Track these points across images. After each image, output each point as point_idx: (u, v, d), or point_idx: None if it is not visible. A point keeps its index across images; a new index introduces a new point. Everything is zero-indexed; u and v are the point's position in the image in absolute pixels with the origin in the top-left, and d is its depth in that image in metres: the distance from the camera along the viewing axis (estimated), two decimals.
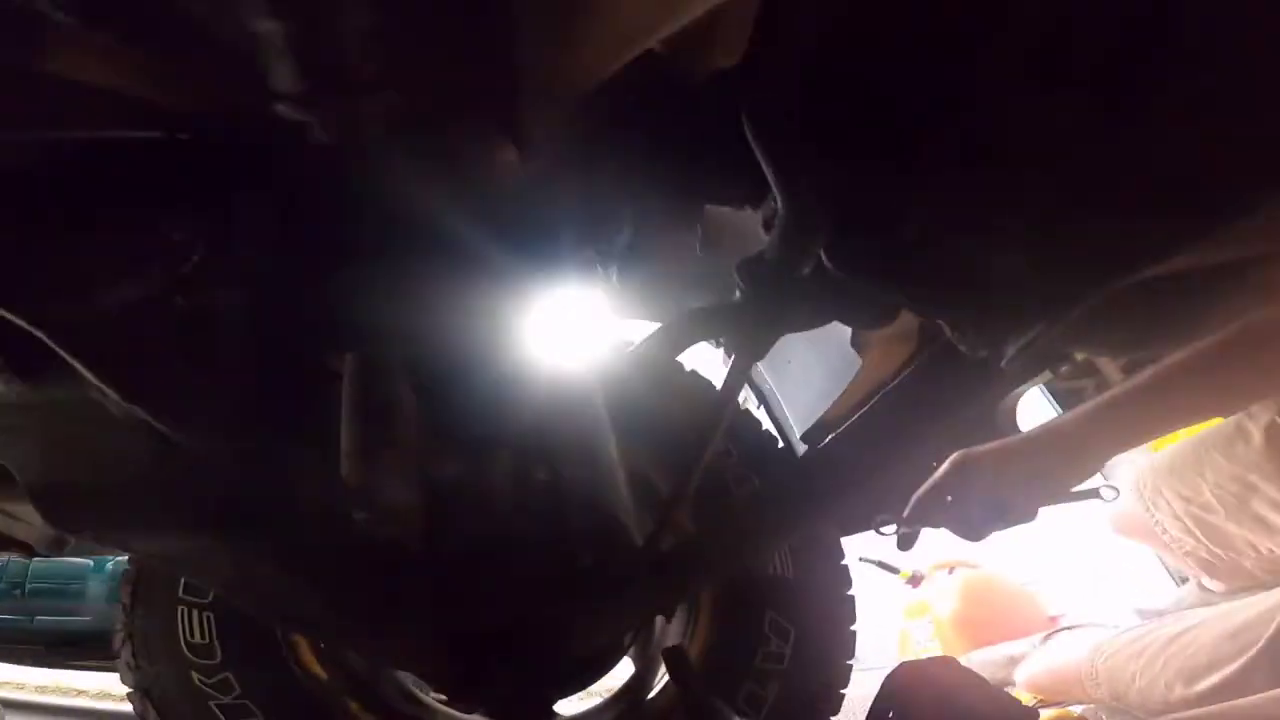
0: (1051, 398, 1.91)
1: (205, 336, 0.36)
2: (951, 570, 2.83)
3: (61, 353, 0.31)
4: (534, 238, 0.48)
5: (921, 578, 2.88)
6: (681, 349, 0.78)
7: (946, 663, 0.82)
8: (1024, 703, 1.63)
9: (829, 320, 0.66)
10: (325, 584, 0.58)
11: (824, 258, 0.55)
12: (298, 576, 0.53)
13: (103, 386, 0.32)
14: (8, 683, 5.70)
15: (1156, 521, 1.46)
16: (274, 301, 0.42)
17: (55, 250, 0.29)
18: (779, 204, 0.53)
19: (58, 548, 1.30)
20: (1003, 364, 0.49)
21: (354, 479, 0.58)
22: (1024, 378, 0.94)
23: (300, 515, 0.53)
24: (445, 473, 0.76)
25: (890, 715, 0.78)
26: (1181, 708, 1.24)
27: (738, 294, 0.59)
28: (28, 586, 3.68)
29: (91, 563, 3.63)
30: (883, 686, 0.80)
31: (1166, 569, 2.13)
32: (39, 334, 0.30)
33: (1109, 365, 1.51)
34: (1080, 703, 1.55)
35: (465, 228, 0.43)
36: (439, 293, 0.51)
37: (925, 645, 2.91)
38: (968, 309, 0.51)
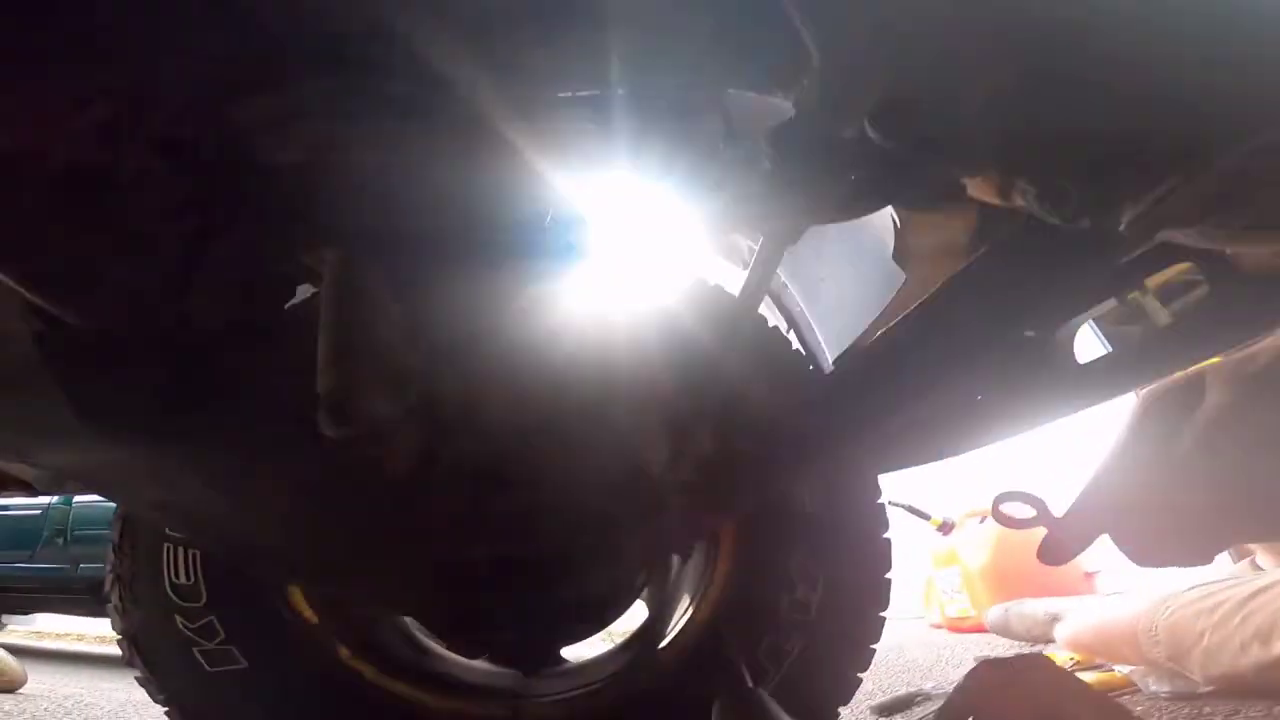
0: (1103, 337, 1.77)
1: (101, 193, 0.27)
2: (984, 519, 2.74)
3: None
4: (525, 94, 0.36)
5: (952, 525, 2.80)
6: (701, 247, 0.68)
7: (1041, 665, 0.72)
8: (1064, 666, 1.55)
9: (874, 204, 0.54)
10: (290, 511, 0.50)
11: (869, 127, 0.44)
12: (246, 501, 0.45)
13: None
14: (64, 634, 5.97)
15: None
16: (212, 173, 0.32)
17: None
18: (814, 56, 0.42)
19: (57, 484, 1.27)
20: (1121, 227, 0.38)
21: (333, 391, 0.49)
22: (1096, 297, 0.81)
23: (257, 427, 0.44)
24: (438, 388, 0.68)
25: None
26: (1253, 672, 1.16)
27: (766, 168, 0.48)
28: (70, 533, 3.62)
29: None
30: (963, 688, 0.71)
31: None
32: None
33: (1157, 309, 1.38)
34: (1127, 664, 1.48)
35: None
36: (430, 170, 0.42)
37: (952, 595, 2.85)
38: (1069, 167, 0.39)
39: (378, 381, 0.51)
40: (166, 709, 0.88)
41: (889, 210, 1.00)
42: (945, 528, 2.83)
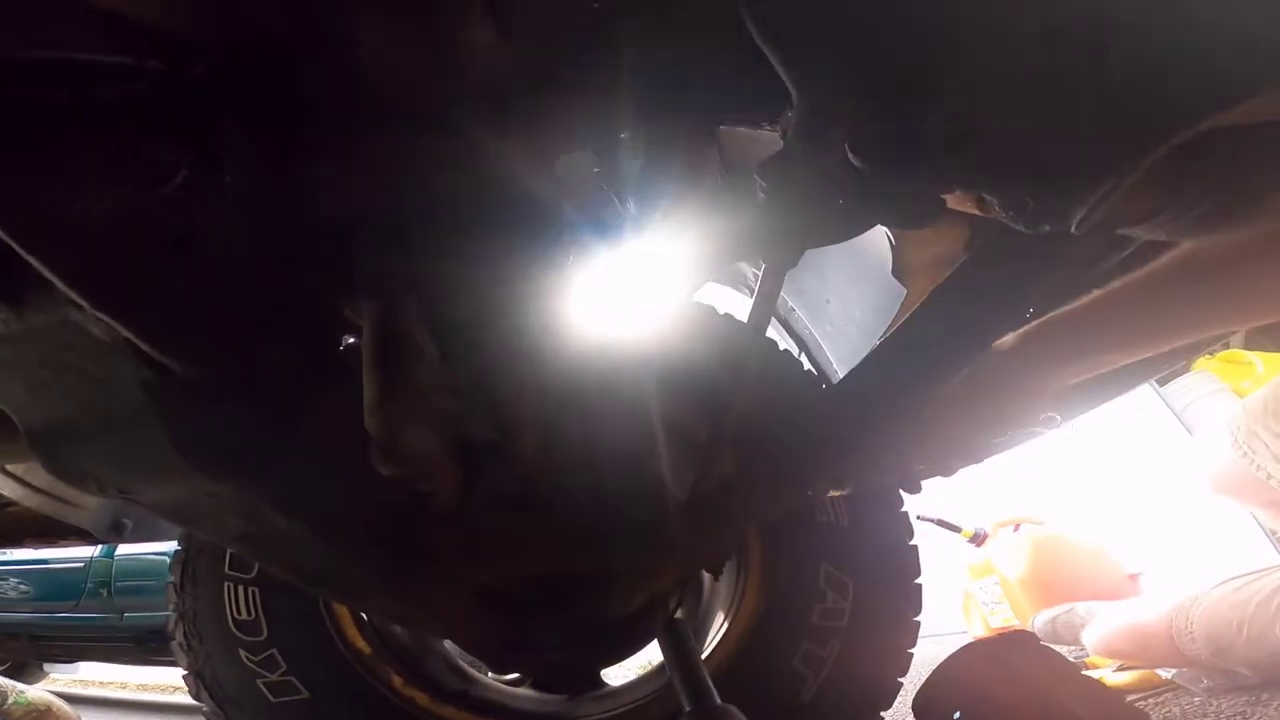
0: None
1: (195, 257, 0.33)
2: (1017, 527, 2.71)
3: (30, 259, 0.28)
4: (528, 138, 0.43)
5: (985, 536, 2.77)
6: (708, 277, 0.72)
7: (1025, 642, 0.72)
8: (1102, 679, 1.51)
9: (863, 224, 0.59)
10: (349, 540, 0.55)
11: (848, 152, 0.49)
12: (318, 531, 0.50)
13: (73, 295, 0.29)
14: (108, 682, 6.06)
15: (1259, 468, 1.35)
16: (278, 234, 0.38)
17: (26, 159, 0.27)
18: (793, 95, 0.48)
19: (116, 533, 1.33)
20: (1074, 228, 0.42)
21: (379, 431, 0.55)
22: (1076, 295, 0.84)
23: (317, 463, 0.49)
24: (475, 427, 0.73)
25: (957, 717, 0.68)
26: None
27: (761, 198, 0.53)
28: (114, 584, 3.68)
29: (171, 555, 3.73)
30: (947, 664, 0.70)
31: (1265, 532, 1.96)
32: (10, 242, 0.28)
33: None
34: (1165, 666, 1.45)
35: (457, 118, 0.39)
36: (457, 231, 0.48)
37: (993, 607, 2.80)
38: (1021, 180, 0.44)
39: (419, 423, 0.57)
40: None
41: (884, 230, 1.05)
42: (978, 539, 2.79)
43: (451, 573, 0.67)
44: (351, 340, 0.66)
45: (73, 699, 3.25)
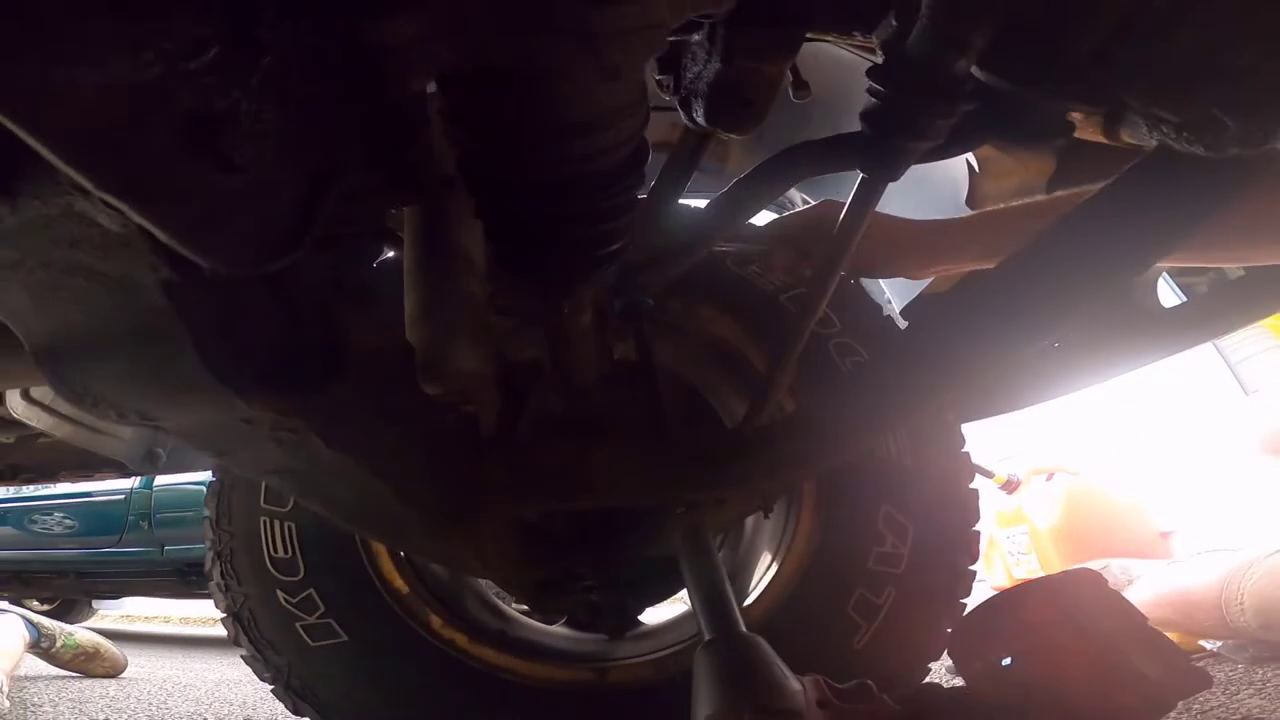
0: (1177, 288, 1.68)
1: (226, 141, 0.26)
2: (1050, 476, 2.66)
3: (24, 135, 0.23)
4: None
5: (1018, 483, 2.72)
6: (786, 186, 0.65)
7: (1094, 584, 0.61)
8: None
9: (978, 141, 0.51)
10: (394, 472, 0.50)
11: (978, 66, 0.40)
12: (362, 461, 0.45)
13: (75, 175, 0.23)
14: (152, 616, 6.35)
15: None
16: (320, 126, 0.31)
17: (28, 19, 0.21)
18: None
19: (151, 464, 1.32)
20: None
21: (423, 345, 0.50)
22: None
23: (360, 382, 0.44)
24: (523, 346, 0.68)
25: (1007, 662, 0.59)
26: None
27: (869, 98, 0.45)
28: (154, 517, 3.68)
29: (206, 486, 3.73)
30: (994, 611, 0.63)
31: None
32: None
33: None
34: (1210, 637, 1.41)
35: None
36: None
37: (1018, 557, 2.78)
38: (1226, 99, 0.35)
39: (466, 338, 0.51)
40: (273, 687, 0.91)
41: (967, 156, 0.96)
42: (1010, 485, 2.75)
43: (495, 507, 0.62)
44: (392, 254, 0.61)
45: (120, 635, 3.39)
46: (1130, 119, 0.44)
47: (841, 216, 0.53)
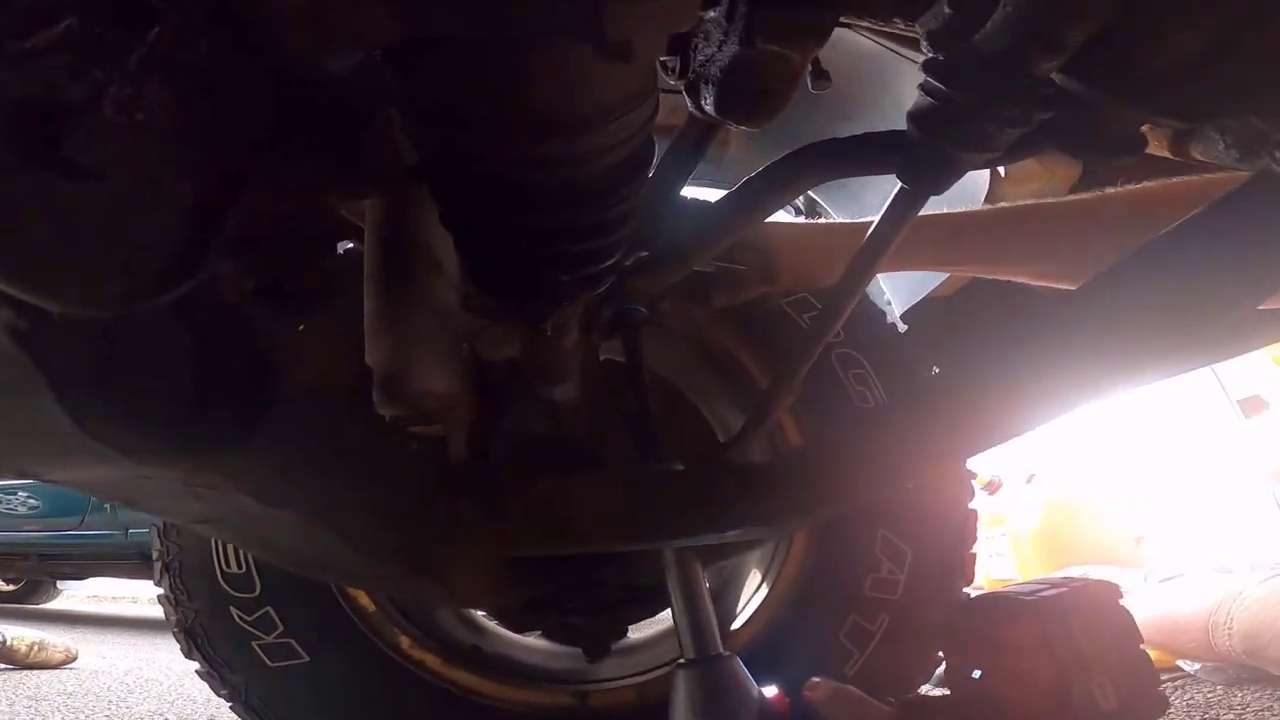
0: None
1: (69, 144, 0.19)
2: (1031, 479, 2.65)
3: None
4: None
5: (999, 485, 2.72)
6: (806, 187, 0.58)
7: (1101, 601, 0.63)
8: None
9: (1039, 150, 0.45)
10: (345, 521, 0.43)
11: (1065, 72, 0.34)
12: (306, 515, 0.38)
13: None
14: (119, 597, 6.21)
15: None
16: (219, 111, 0.24)
17: None
18: None
19: None
20: None
21: (381, 363, 0.42)
22: None
23: (298, 415, 0.37)
24: (497, 343, 0.60)
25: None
26: None
27: (922, 97, 0.39)
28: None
29: None
30: (991, 615, 0.62)
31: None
32: None
33: None
34: (1192, 659, 1.41)
35: None
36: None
37: (996, 558, 2.78)
38: None
39: (431, 349, 0.44)
40: (231, 705, 0.85)
41: None
42: (992, 486, 2.74)
43: (470, 542, 0.55)
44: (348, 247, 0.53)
45: (83, 617, 3.29)
46: (1205, 135, 0.39)
47: (871, 229, 0.47)
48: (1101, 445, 2.79)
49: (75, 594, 5.46)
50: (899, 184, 0.45)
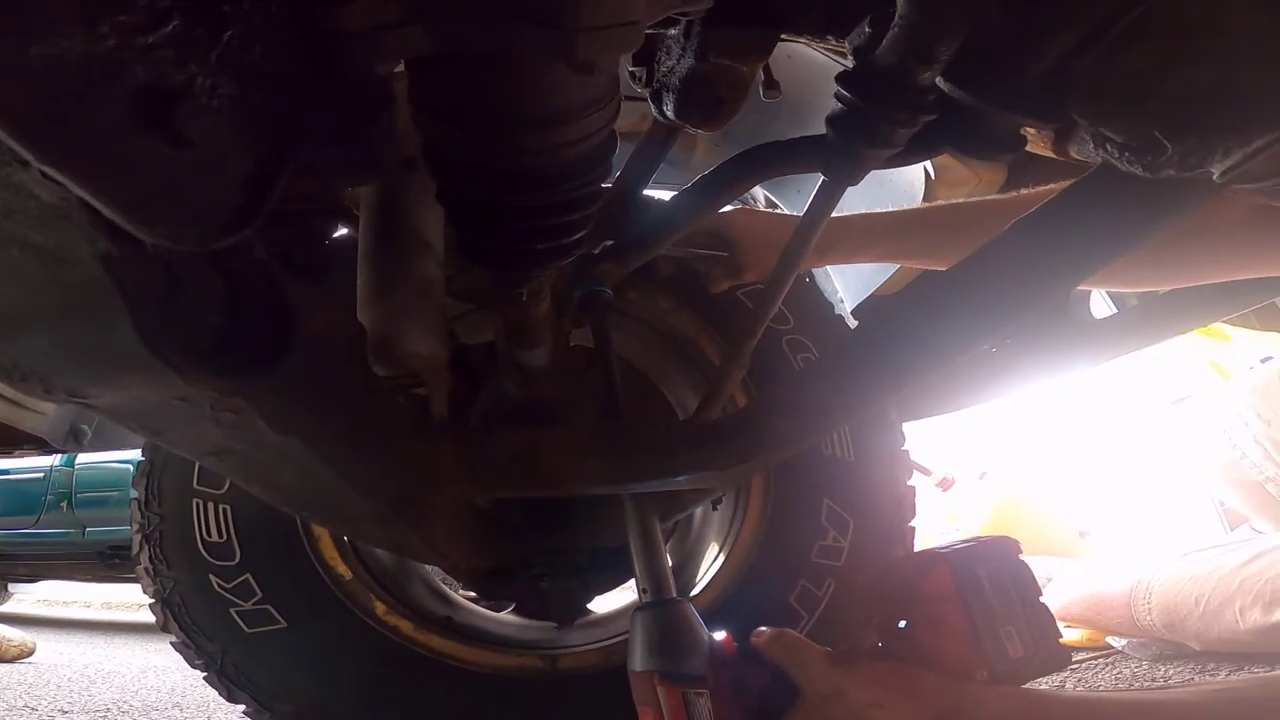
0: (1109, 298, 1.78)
1: (179, 116, 0.25)
2: (982, 475, 2.79)
3: None
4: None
5: (952, 482, 2.84)
6: (749, 185, 0.66)
7: (1002, 553, 0.68)
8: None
9: (936, 150, 0.53)
10: (342, 456, 0.49)
11: (942, 78, 0.42)
12: (310, 444, 0.44)
13: (17, 145, 0.23)
14: (71, 601, 5.98)
15: (1243, 455, 1.38)
16: (271, 100, 0.30)
17: None
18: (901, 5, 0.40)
19: (75, 441, 1.24)
20: (1217, 177, 0.37)
21: (374, 327, 0.49)
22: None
23: (308, 362, 0.43)
24: (477, 329, 0.67)
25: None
26: (1252, 638, 1.17)
27: (837, 105, 0.47)
28: (75, 496, 3.48)
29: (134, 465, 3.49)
30: (912, 569, 0.67)
31: (1214, 503, 2.00)
32: None
33: None
34: (1119, 634, 1.48)
35: None
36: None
37: None
38: (1165, 122, 0.38)
39: (418, 320, 0.51)
40: (206, 674, 0.88)
41: (925, 163, 0.99)
42: (945, 483, 2.86)
43: (447, 493, 0.61)
44: (346, 231, 0.59)
45: (35, 620, 3.18)
46: (1079, 136, 0.47)
47: (802, 216, 0.55)
48: (1049, 445, 2.95)
49: (26, 597, 5.27)
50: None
